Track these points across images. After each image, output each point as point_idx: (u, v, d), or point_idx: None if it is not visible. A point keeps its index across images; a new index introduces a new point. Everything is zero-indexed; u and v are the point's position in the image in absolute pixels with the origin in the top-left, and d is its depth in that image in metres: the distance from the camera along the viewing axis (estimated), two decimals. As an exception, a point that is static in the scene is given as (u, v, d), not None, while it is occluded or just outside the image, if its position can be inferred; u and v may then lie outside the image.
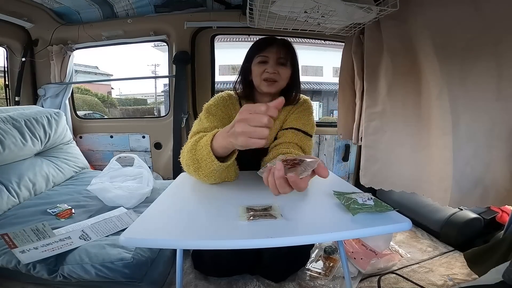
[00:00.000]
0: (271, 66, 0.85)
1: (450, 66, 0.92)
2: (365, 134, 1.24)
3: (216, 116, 0.83)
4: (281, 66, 0.86)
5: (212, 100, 0.90)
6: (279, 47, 0.86)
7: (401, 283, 1.11)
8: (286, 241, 0.45)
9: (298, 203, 0.62)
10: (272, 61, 0.86)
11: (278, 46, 0.86)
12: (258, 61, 0.87)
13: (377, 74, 1.20)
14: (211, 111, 0.85)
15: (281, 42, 0.88)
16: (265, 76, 0.85)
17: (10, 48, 1.74)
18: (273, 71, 0.85)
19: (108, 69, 16.69)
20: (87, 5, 1.66)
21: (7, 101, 1.83)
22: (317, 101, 11.09)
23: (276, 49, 0.86)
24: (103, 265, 0.84)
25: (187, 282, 1.09)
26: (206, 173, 0.65)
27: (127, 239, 0.45)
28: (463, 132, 0.91)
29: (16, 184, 1.21)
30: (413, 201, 1.59)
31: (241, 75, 0.94)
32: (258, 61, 0.87)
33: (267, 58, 0.86)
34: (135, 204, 1.21)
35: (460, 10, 0.91)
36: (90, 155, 1.96)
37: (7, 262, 0.84)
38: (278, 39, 0.89)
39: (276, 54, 0.85)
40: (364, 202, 0.53)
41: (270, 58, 0.86)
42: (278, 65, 0.86)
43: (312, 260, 1.24)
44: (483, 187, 0.93)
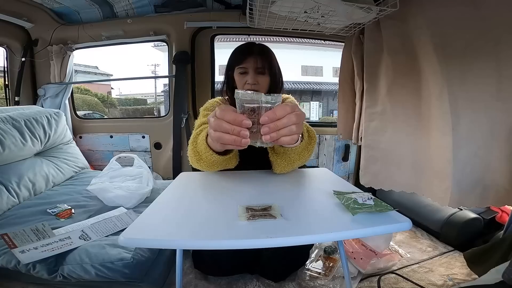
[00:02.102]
0: (251, 77, 0.89)
1: (450, 66, 0.92)
2: (365, 134, 1.24)
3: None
4: (260, 75, 0.91)
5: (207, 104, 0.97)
6: (255, 57, 0.90)
7: (401, 283, 1.11)
8: (286, 241, 0.45)
9: (298, 203, 0.62)
10: (251, 72, 0.90)
11: (255, 55, 0.90)
12: (239, 72, 0.92)
13: (377, 74, 1.20)
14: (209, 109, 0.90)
15: (257, 51, 0.91)
16: (247, 88, 0.90)
17: (10, 48, 1.74)
18: (253, 82, 0.89)
19: (108, 69, 16.69)
20: (87, 5, 1.66)
21: (7, 101, 1.83)
22: (317, 101, 11.09)
23: (253, 59, 0.89)
24: (103, 265, 0.84)
25: (187, 282, 1.09)
26: (208, 163, 0.68)
27: (127, 239, 0.45)
28: (463, 132, 0.91)
29: (16, 184, 1.21)
30: (413, 201, 1.59)
31: (226, 83, 0.99)
32: (238, 72, 0.92)
33: (246, 69, 0.90)
34: (135, 204, 1.21)
35: (460, 10, 0.91)
36: (90, 155, 1.96)
37: (7, 262, 0.84)
38: (254, 47, 0.93)
39: (254, 64, 0.89)
40: (364, 202, 0.53)
41: (249, 69, 0.90)
42: (257, 74, 0.90)
43: (312, 260, 1.24)
44: (483, 187, 0.93)
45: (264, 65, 0.90)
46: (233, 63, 0.93)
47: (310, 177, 0.83)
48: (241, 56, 0.92)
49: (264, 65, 0.90)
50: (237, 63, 0.92)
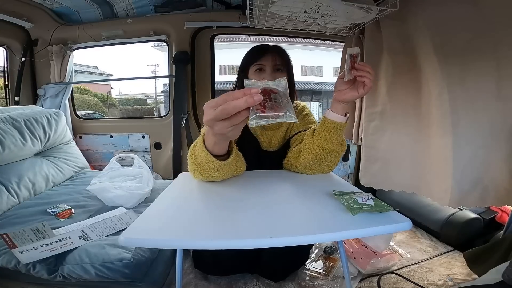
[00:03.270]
0: (269, 74, 0.86)
1: (450, 66, 0.92)
2: (365, 134, 1.24)
3: None
4: (278, 72, 0.88)
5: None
6: (274, 54, 0.88)
7: (401, 283, 1.11)
8: (286, 241, 0.45)
9: (298, 203, 0.62)
10: (269, 69, 0.87)
11: (273, 53, 0.88)
12: (255, 70, 0.88)
13: (377, 74, 1.20)
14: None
15: (275, 49, 0.90)
16: None
17: (10, 48, 1.74)
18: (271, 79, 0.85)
19: (108, 69, 16.69)
20: (87, 5, 1.66)
21: (7, 101, 1.83)
22: (317, 101, 11.08)
23: (271, 56, 0.87)
24: (103, 265, 0.84)
25: (187, 282, 1.09)
26: (212, 173, 0.66)
27: (127, 239, 0.45)
28: (463, 132, 0.91)
29: (16, 184, 1.21)
30: (413, 201, 1.59)
31: (238, 85, 0.96)
32: (255, 69, 0.88)
33: (264, 66, 0.87)
34: (135, 204, 1.21)
35: (460, 9, 0.90)
36: (90, 155, 1.95)
37: (7, 262, 0.84)
38: (272, 46, 0.91)
39: (272, 61, 0.87)
40: (364, 202, 0.53)
41: (266, 66, 0.87)
42: (275, 72, 0.88)
43: (312, 260, 1.24)
44: (483, 187, 0.93)
45: (283, 63, 0.89)
46: (249, 61, 0.91)
47: (310, 177, 0.83)
48: (258, 53, 0.90)
49: (282, 63, 0.89)
50: (254, 59, 0.89)
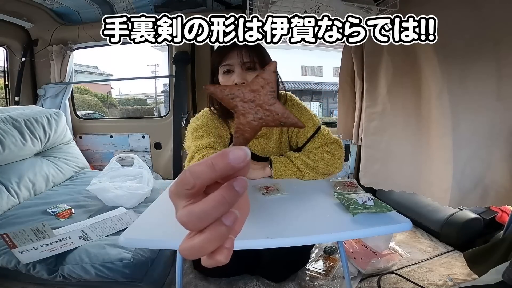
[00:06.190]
0: (238, 74, 0.73)
1: (450, 66, 0.92)
2: (365, 134, 1.24)
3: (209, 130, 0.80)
4: (249, 71, 0.74)
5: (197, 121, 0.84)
6: (240, 50, 0.73)
7: (401, 283, 1.11)
8: (286, 241, 0.45)
9: (298, 203, 0.62)
10: (237, 68, 0.73)
11: (239, 48, 0.72)
12: (223, 71, 0.75)
13: (377, 74, 1.20)
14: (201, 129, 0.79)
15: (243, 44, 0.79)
16: None
17: (10, 48, 1.74)
18: (242, 81, 0.72)
19: (108, 69, 16.65)
20: (87, 5, 1.66)
21: (7, 101, 1.83)
22: (317, 101, 11.08)
23: (238, 53, 0.73)
24: (103, 265, 0.84)
25: (187, 282, 1.09)
26: None
27: (127, 239, 0.45)
28: (463, 132, 0.91)
29: (16, 184, 1.21)
30: (413, 201, 1.59)
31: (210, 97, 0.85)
32: (222, 71, 0.76)
33: (232, 67, 0.74)
34: (135, 204, 1.21)
35: (460, 10, 0.91)
36: (90, 155, 1.96)
37: (7, 262, 0.84)
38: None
39: (239, 58, 0.73)
40: (364, 202, 0.53)
41: (234, 66, 0.74)
42: (245, 71, 0.74)
43: (312, 260, 1.24)
44: (483, 187, 0.93)
45: (252, 58, 0.73)
46: (216, 62, 0.77)
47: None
48: (222, 51, 0.75)
49: (252, 59, 0.73)
50: (219, 60, 0.75)
